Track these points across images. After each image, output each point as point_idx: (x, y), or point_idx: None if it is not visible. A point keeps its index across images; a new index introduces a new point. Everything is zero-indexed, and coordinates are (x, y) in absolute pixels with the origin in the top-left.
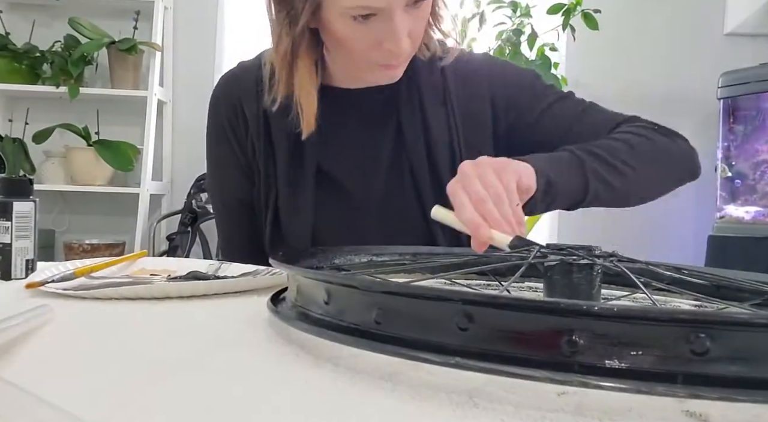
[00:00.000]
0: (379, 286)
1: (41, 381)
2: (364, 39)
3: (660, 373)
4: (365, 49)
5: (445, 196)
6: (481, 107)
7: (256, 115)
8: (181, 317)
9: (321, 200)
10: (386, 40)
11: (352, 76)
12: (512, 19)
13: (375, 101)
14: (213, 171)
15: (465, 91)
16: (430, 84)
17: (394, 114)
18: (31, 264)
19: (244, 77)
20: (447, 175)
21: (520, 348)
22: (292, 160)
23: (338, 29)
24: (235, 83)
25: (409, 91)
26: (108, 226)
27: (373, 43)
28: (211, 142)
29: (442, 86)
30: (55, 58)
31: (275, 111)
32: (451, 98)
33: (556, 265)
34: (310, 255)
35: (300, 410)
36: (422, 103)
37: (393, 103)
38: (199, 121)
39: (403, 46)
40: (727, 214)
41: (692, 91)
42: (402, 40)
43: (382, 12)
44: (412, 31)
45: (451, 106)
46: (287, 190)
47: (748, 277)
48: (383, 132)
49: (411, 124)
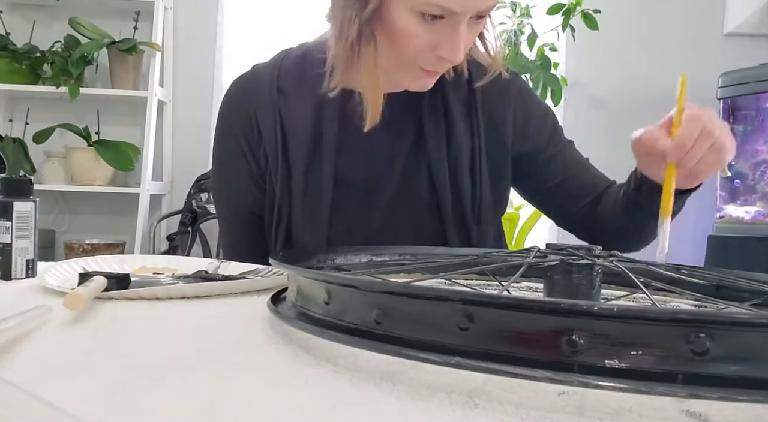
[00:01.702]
0: (379, 286)
1: (41, 381)
2: (423, 39)
3: (660, 373)
4: (420, 49)
5: (464, 204)
6: (504, 129)
7: (272, 122)
8: (180, 317)
9: (335, 204)
10: (443, 46)
11: (386, 79)
12: (512, 19)
13: (397, 106)
14: (221, 179)
15: (492, 110)
16: (457, 95)
17: (414, 120)
18: (31, 264)
19: (258, 83)
20: (467, 184)
21: (520, 348)
22: (310, 167)
23: (401, 25)
24: (248, 91)
25: (433, 99)
26: (108, 226)
27: (430, 46)
28: (220, 151)
29: (469, 100)
30: (56, 58)
31: (295, 113)
32: (477, 114)
33: (556, 265)
34: (309, 255)
35: (300, 410)
36: (447, 112)
37: (413, 109)
38: (199, 121)
39: (460, 54)
40: (727, 214)
41: (692, 91)
42: (461, 47)
43: (451, 17)
44: (466, 45)
45: (477, 121)
46: (302, 197)
47: (747, 277)
48: (402, 136)
49: (434, 132)
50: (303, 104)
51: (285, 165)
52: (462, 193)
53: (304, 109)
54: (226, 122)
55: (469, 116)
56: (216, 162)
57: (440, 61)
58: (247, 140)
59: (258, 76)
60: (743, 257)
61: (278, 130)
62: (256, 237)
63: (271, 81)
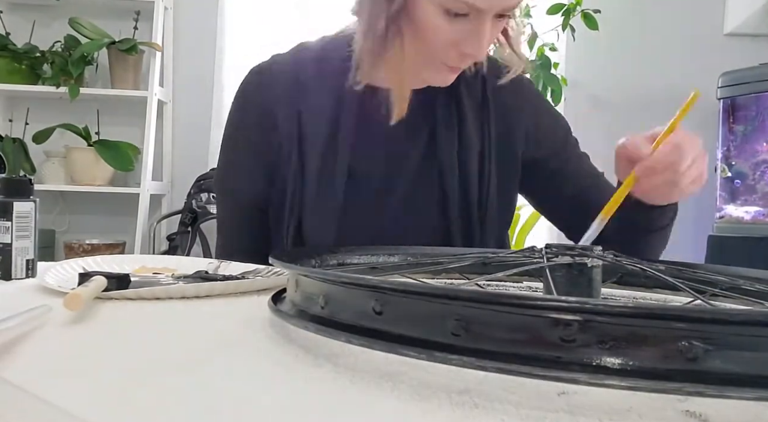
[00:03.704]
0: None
1: (41, 381)
2: (448, 36)
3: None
4: (444, 45)
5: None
6: (515, 134)
7: (288, 114)
8: (180, 317)
9: (347, 202)
10: (467, 42)
11: (410, 74)
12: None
13: (413, 104)
14: (228, 167)
15: (504, 113)
16: (471, 96)
17: (429, 117)
18: (31, 265)
19: (276, 76)
20: (475, 185)
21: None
22: (325, 161)
23: (427, 20)
24: (266, 82)
25: (448, 99)
26: (108, 226)
27: (454, 42)
28: (232, 139)
29: (482, 102)
30: (55, 58)
31: (313, 106)
32: (489, 116)
33: (555, 265)
34: (308, 255)
35: (300, 410)
36: (460, 112)
37: (429, 107)
38: (199, 121)
39: (483, 51)
40: (727, 214)
41: (692, 91)
42: (485, 44)
43: (477, 14)
44: (489, 41)
45: (488, 123)
46: (316, 191)
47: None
48: (416, 136)
49: (446, 132)
50: (321, 98)
51: (299, 159)
52: (469, 194)
53: (323, 104)
54: (242, 112)
55: (481, 117)
56: (225, 152)
57: (463, 58)
58: (262, 131)
59: (277, 67)
60: (743, 257)
61: (295, 123)
62: (256, 235)
63: (290, 73)
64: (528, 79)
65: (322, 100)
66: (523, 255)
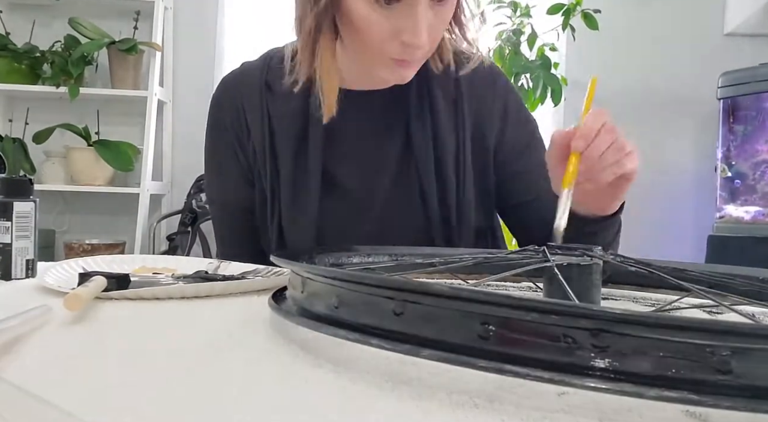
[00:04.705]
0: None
1: (41, 381)
2: (383, 27)
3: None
4: (382, 38)
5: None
6: (488, 131)
7: (260, 118)
8: (180, 317)
9: (324, 203)
10: (405, 31)
11: (363, 74)
12: (512, 19)
13: (383, 104)
14: (212, 174)
15: (477, 110)
16: (442, 93)
17: (403, 118)
18: (31, 264)
19: (247, 79)
20: (452, 183)
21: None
22: (297, 163)
23: (358, 13)
24: (237, 86)
25: (420, 95)
26: (108, 226)
27: (392, 33)
28: (211, 146)
29: (455, 98)
30: (55, 58)
31: (282, 109)
32: (463, 112)
33: (555, 265)
34: (307, 255)
35: (300, 409)
36: (433, 110)
37: (402, 108)
38: (199, 121)
39: (422, 39)
40: (727, 214)
41: (692, 91)
42: (422, 32)
43: None
44: (432, 28)
45: (462, 120)
46: (291, 193)
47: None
48: (391, 135)
49: (420, 130)
50: (290, 102)
51: (273, 161)
52: (447, 193)
53: (292, 106)
54: (216, 118)
55: (455, 112)
56: (208, 158)
57: (406, 48)
58: (237, 136)
59: (247, 72)
60: (743, 257)
61: (266, 126)
62: (248, 235)
63: (260, 77)
64: (504, 76)
65: (291, 103)
66: (524, 256)
